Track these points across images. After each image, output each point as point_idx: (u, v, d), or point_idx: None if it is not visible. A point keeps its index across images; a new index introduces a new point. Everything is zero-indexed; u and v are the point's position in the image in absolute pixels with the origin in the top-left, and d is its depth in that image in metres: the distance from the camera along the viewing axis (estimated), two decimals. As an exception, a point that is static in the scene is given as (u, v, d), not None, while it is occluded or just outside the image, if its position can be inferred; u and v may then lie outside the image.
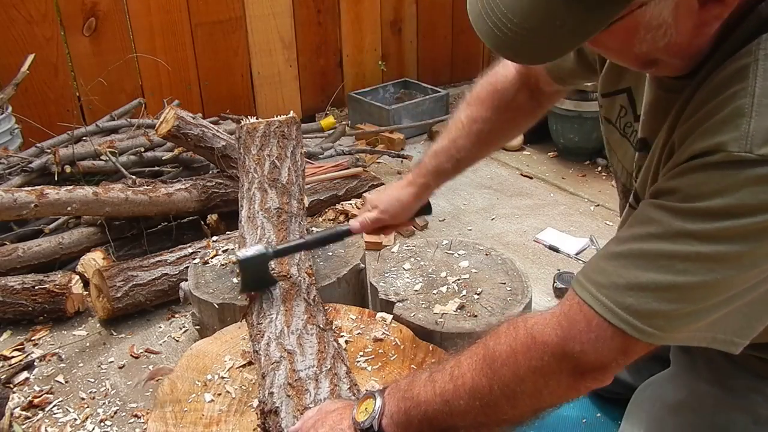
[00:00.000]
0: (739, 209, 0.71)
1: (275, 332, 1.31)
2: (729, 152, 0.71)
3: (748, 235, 0.72)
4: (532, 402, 0.87)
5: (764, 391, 1.10)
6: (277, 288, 1.43)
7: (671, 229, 0.75)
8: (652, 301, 0.76)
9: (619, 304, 0.77)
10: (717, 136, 0.73)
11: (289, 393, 1.18)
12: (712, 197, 0.73)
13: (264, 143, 1.78)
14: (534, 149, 3.32)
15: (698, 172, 0.75)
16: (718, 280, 0.74)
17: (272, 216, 1.63)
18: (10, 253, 2.15)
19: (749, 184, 0.70)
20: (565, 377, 0.83)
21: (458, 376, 0.90)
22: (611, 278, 0.79)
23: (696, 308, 0.76)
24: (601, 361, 0.81)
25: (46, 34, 2.90)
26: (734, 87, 0.73)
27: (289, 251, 1.45)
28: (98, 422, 1.68)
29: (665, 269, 0.75)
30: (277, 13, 3.45)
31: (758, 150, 0.70)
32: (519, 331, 0.87)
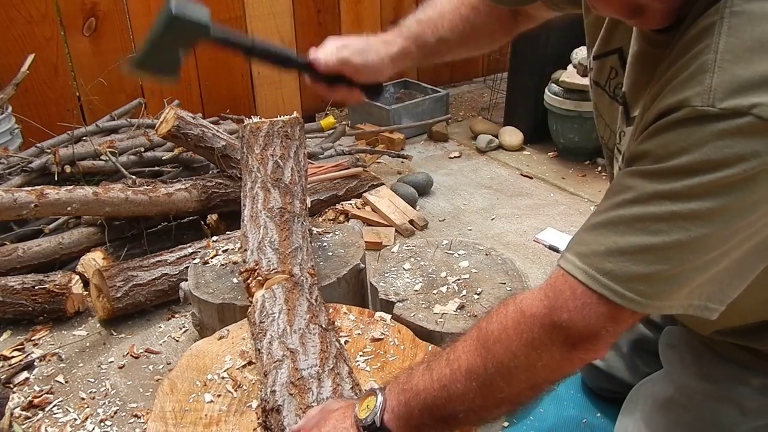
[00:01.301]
0: (705, 165, 0.72)
1: (277, 331, 1.31)
2: (693, 107, 0.72)
3: (716, 190, 0.73)
4: (527, 377, 0.87)
5: (750, 382, 1.11)
6: (279, 288, 1.42)
7: (644, 193, 0.77)
8: (630, 265, 0.77)
9: (600, 270, 0.79)
10: (681, 93, 0.74)
11: (292, 391, 1.18)
12: (679, 155, 0.74)
13: (267, 143, 1.79)
14: (534, 149, 3.32)
15: (665, 132, 0.76)
16: (693, 239, 0.75)
17: (275, 215, 1.63)
18: (10, 253, 2.15)
19: (713, 139, 0.71)
20: (557, 348, 0.83)
21: (454, 360, 0.91)
22: (591, 247, 0.80)
23: (674, 271, 0.77)
24: (589, 329, 0.81)
25: (46, 34, 2.90)
26: (700, 44, 0.74)
27: (228, 42, 1.13)
28: (98, 422, 1.68)
29: (640, 232, 0.77)
30: (277, 13, 3.45)
31: (720, 104, 0.70)
32: (509, 308, 0.88)
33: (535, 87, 3.20)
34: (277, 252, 1.53)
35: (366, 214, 2.61)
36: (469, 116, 3.81)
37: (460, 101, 4.04)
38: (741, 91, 0.70)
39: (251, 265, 1.51)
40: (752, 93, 0.69)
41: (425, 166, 3.17)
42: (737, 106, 0.70)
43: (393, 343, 1.43)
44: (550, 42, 3.06)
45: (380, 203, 2.65)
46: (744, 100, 0.70)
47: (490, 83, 4.00)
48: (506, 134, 3.35)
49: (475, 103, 4.01)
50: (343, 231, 1.97)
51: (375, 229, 2.54)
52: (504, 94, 3.52)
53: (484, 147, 3.31)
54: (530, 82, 3.24)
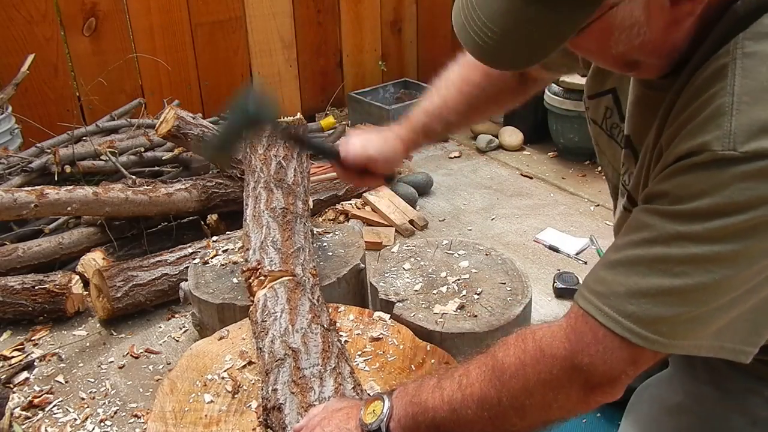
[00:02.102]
0: (727, 208, 0.72)
1: (279, 330, 1.31)
2: (713, 151, 0.72)
3: (739, 233, 0.72)
4: (541, 415, 0.87)
5: (762, 393, 1.10)
6: (282, 288, 1.42)
7: (665, 233, 0.76)
8: (653, 307, 0.76)
9: (622, 313, 0.78)
10: (700, 136, 0.74)
11: (294, 390, 1.18)
12: (700, 197, 0.73)
13: (271, 143, 1.80)
14: (534, 149, 3.32)
15: (686, 174, 0.75)
16: (717, 281, 0.74)
17: (277, 216, 1.63)
18: (10, 253, 2.15)
19: (735, 182, 0.71)
20: (575, 391, 0.83)
21: (467, 386, 0.90)
22: (612, 287, 0.79)
23: (698, 312, 0.76)
24: (610, 373, 0.80)
25: (46, 34, 2.90)
26: (715, 87, 0.74)
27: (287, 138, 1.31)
28: (98, 422, 1.68)
29: (662, 273, 0.76)
30: (277, 13, 3.45)
31: (741, 147, 0.70)
32: (528, 344, 0.87)
33: (535, 87, 3.19)
34: (279, 252, 1.53)
35: (366, 214, 2.61)
36: (469, 116, 3.81)
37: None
38: (761, 134, 0.70)
39: (253, 264, 1.51)
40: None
41: (425, 166, 3.17)
42: (758, 148, 0.70)
43: (392, 343, 1.43)
44: (550, 42, 3.06)
45: (380, 203, 2.65)
46: (765, 142, 0.70)
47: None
48: (506, 134, 3.35)
49: (475, 103, 4.01)
50: (343, 231, 1.97)
51: (375, 229, 2.54)
52: (504, 94, 3.52)
53: (484, 147, 3.31)
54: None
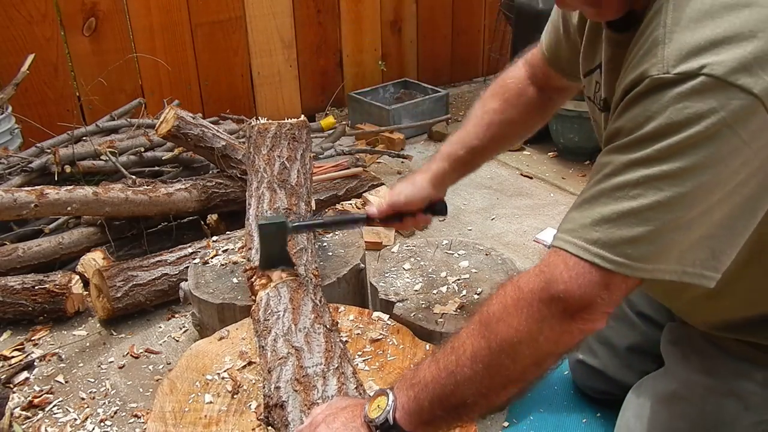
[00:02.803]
0: (669, 128, 0.78)
1: (282, 329, 1.30)
2: (651, 77, 0.79)
3: (683, 150, 0.78)
4: (531, 351, 0.89)
5: (754, 377, 1.12)
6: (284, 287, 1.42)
7: (620, 164, 0.83)
8: (615, 230, 0.82)
9: (588, 240, 0.84)
10: (640, 67, 0.82)
11: (297, 388, 1.17)
12: (646, 124, 0.80)
13: (275, 144, 1.80)
14: (534, 149, 3.32)
15: (632, 106, 0.82)
16: (669, 199, 0.79)
17: (280, 216, 1.63)
18: (10, 253, 2.15)
19: (673, 103, 0.77)
20: (556, 320, 0.86)
21: (459, 346, 0.92)
22: (578, 221, 0.86)
23: (656, 231, 0.80)
24: (585, 298, 0.84)
25: (46, 34, 2.90)
26: (652, 25, 0.83)
27: (308, 228, 1.43)
28: (98, 422, 1.68)
29: (621, 199, 0.82)
30: (277, 13, 3.45)
31: (673, 69, 0.78)
32: (507, 289, 0.91)
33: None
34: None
35: (366, 214, 2.61)
36: (469, 116, 3.81)
37: (460, 101, 4.04)
38: (690, 56, 0.77)
39: (256, 263, 1.51)
40: (700, 56, 0.76)
41: (425, 166, 3.16)
42: (689, 69, 0.77)
43: (392, 343, 1.43)
44: (550, 42, 3.06)
45: (380, 203, 2.65)
46: (694, 62, 0.76)
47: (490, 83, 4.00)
48: (506, 134, 3.34)
49: (475, 103, 4.01)
50: (343, 231, 1.97)
51: (375, 229, 2.54)
52: (504, 94, 3.52)
53: (484, 147, 3.30)
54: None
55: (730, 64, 0.75)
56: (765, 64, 0.75)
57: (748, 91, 0.75)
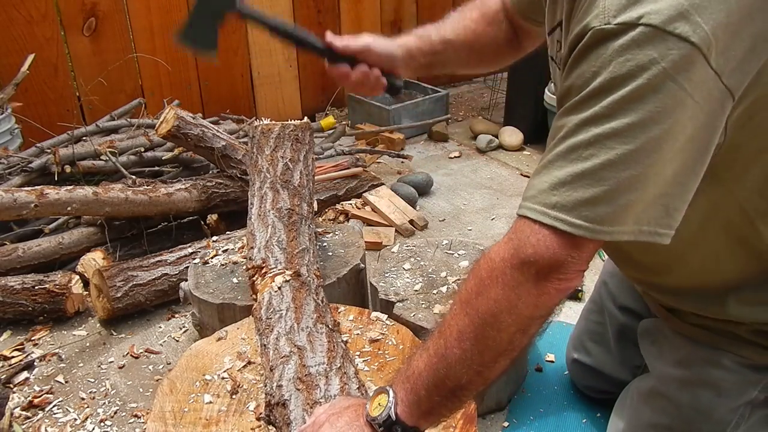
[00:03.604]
0: (613, 82, 0.77)
1: (285, 328, 1.30)
2: (593, 29, 0.78)
3: (628, 105, 0.77)
4: (514, 319, 0.89)
5: (722, 363, 1.14)
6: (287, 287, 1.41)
7: (572, 125, 0.82)
8: (572, 192, 0.81)
9: (547, 204, 0.83)
10: (583, 19, 0.80)
11: (299, 387, 1.17)
12: (592, 80, 0.79)
13: (278, 144, 1.80)
14: (534, 149, 3.32)
15: (579, 63, 0.81)
16: (620, 156, 0.78)
17: (283, 216, 1.63)
18: (10, 253, 2.15)
19: (615, 56, 0.76)
20: (531, 283, 0.86)
21: (445, 329, 0.93)
22: (537, 187, 0.86)
23: (612, 190, 0.80)
24: (555, 258, 0.84)
25: (46, 34, 2.90)
26: None
27: (255, 19, 1.26)
28: (98, 422, 1.68)
29: (575, 160, 0.81)
30: (277, 14, 3.45)
31: (614, 20, 0.76)
32: (480, 263, 0.92)
33: (535, 87, 3.20)
34: (284, 252, 1.53)
35: (366, 214, 2.61)
36: (469, 116, 3.82)
37: (460, 101, 4.04)
38: (629, 5, 0.76)
39: (258, 262, 1.50)
40: (639, 5, 0.75)
41: (425, 166, 3.17)
42: (628, 19, 0.75)
43: (392, 344, 1.43)
44: (550, 42, 3.06)
45: (380, 203, 2.65)
46: (633, 12, 0.75)
47: (490, 83, 4.00)
48: (506, 134, 3.35)
49: (475, 103, 4.01)
50: (343, 231, 1.97)
51: (375, 229, 2.54)
52: (504, 94, 3.52)
53: (484, 147, 3.31)
54: (530, 82, 3.24)
55: (667, 12, 0.74)
56: (702, 11, 0.74)
57: (685, 39, 0.74)
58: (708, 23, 0.74)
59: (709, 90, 0.77)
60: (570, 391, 1.70)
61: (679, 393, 1.20)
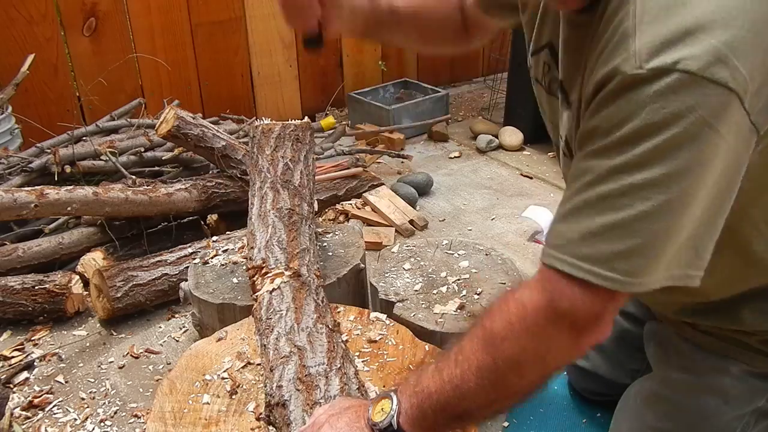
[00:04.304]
0: (647, 130, 0.74)
1: (285, 328, 1.30)
2: (623, 73, 0.75)
3: (664, 153, 0.74)
4: (538, 368, 0.89)
5: (730, 371, 1.13)
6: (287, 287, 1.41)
7: (602, 171, 0.78)
8: (605, 245, 0.79)
9: (579, 256, 0.81)
10: (611, 62, 0.77)
11: (299, 387, 1.17)
12: (623, 125, 0.75)
13: (278, 144, 1.80)
14: (534, 149, 3.32)
15: (606, 106, 0.78)
16: (656, 207, 0.76)
17: (283, 216, 1.63)
18: (10, 253, 2.15)
19: (649, 103, 0.73)
20: (564, 336, 0.85)
21: (463, 361, 0.92)
22: (566, 236, 0.83)
23: (647, 242, 0.78)
24: (591, 312, 0.83)
25: (46, 34, 2.90)
26: (620, 14, 0.78)
27: None
28: (98, 422, 1.68)
29: (607, 210, 0.78)
30: (277, 13, 3.42)
31: (646, 65, 0.73)
32: (510, 304, 0.89)
33: (535, 87, 3.19)
34: (284, 252, 1.53)
35: (366, 214, 2.61)
36: (469, 116, 3.81)
37: (460, 101, 4.04)
38: (663, 49, 0.72)
39: (258, 262, 1.50)
40: (673, 49, 0.72)
41: (425, 166, 3.17)
42: (662, 64, 0.72)
43: (391, 344, 1.43)
44: (550, 42, 3.06)
45: (380, 203, 2.65)
46: (667, 57, 0.72)
47: (490, 83, 4.00)
48: (506, 134, 3.35)
49: (475, 103, 4.01)
50: (343, 231, 1.97)
51: (375, 229, 2.54)
52: (504, 94, 3.52)
53: (484, 147, 3.31)
54: (530, 82, 3.22)
55: (704, 57, 0.71)
56: (739, 54, 0.72)
57: (724, 85, 0.71)
58: (746, 66, 0.72)
59: (740, 129, 0.75)
60: (570, 391, 1.69)
61: (684, 398, 1.18)
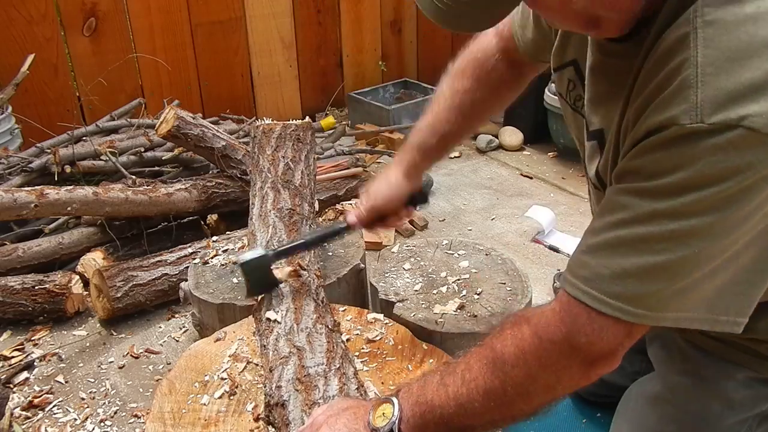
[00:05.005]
0: (700, 181, 0.72)
1: (284, 329, 1.30)
2: (682, 125, 0.72)
3: (714, 205, 0.73)
4: (546, 396, 0.90)
5: (735, 376, 1.12)
6: (287, 287, 1.41)
7: (642, 212, 0.77)
8: (638, 285, 0.78)
9: (609, 294, 0.80)
10: (668, 111, 0.74)
11: (298, 387, 1.17)
12: (673, 173, 0.74)
13: (279, 144, 1.81)
14: (534, 149, 3.32)
15: (657, 150, 0.75)
16: (696, 253, 0.75)
17: (284, 216, 1.63)
18: (10, 253, 2.15)
19: (706, 155, 0.71)
20: (576, 369, 0.86)
21: (470, 380, 0.91)
22: (596, 270, 0.81)
23: (681, 284, 0.78)
24: (608, 347, 0.83)
25: (46, 34, 2.90)
26: (678, 58, 0.74)
27: (290, 252, 1.41)
28: (98, 422, 1.68)
29: (643, 252, 0.77)
30: (277, 13, 3.45)
31: (708, 119, 0.70)
32: (524, 331, 0.88)
33: (535, 87, 3.19)
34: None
35: (366, 214, 2.61)
36: (469, 116, 3.81)
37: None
38: (728, 104, 0.70)
39: None
40: (739, 104, 0.69)
41: (425, 166, 3.16)
42: (726, 119, 0.69)
43: (390, 344, 1.42)
44: (550, 42, 3.06)
45: (380, 203, 2.64)
46: (732, 112, 0.69)
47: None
48: (506, 134, 3.35)
49: (475, 103, 4.01)
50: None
51: (375, 229, 2.54)
52: (504, 94, 3.52)
53: (484, 147, 3.31)
54: (530, 83, 3.23)
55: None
56: None
57: None
58: None
59: None
60: (570, 391, 1.69)
61: (688, 402, 1.18)
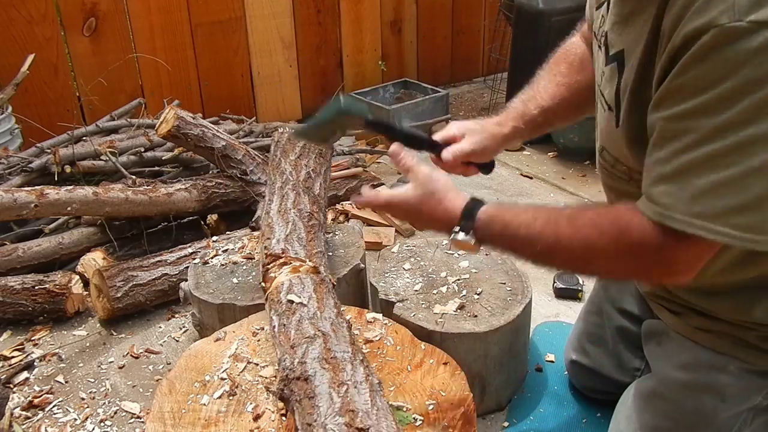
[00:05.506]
0: (749, 86, 0.73)
1: (308, 313, 1.26)
2: (721, 26, 0.73)
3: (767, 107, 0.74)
4: (605, 270, 0.99)
5: (727, 368, 1.13)
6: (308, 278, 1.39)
7: (704, 132, 0.79)
8: (717, 201, 0.80)
9: (692, 214, 0.82)
10: (706, 14, 0.74)
11: (325, 366, 1.12)
12: (721, 83, 0.75)
13: (303, 153, 1.88)
14: (534, 149, 3.32)
15: (700, 62, 0.76)
16: (764, 161, 0.77)
17: (303, 216, 1.62)
18: (10, 253, 2.15)
19: (750, 58, 0.72)
20: (655, 272, 0.93)
21: (563, 236, 0.96)
22: (677, 196, 0.84)
23: (757, 195, 0.79)
24: (690, 263, 0.89)
25: (46, 34, 2.90)
26: None
27: (381, 127, 1.27)
28: (98, 422, 1.68)
29: (715, 168, 0.79)
30: (277, 13, 3.45)
31: (747, 17, 0.71)
32: (611, 216, 0.94)
33: (536, 87, 3.19)
34: (304, 248, 1.51)
35: (366, 214, 2.61)
36: (469, 116, 3.81)
37: (460, 101, 4.04)
38: (763, 2, 0.71)
39: (278, 251, 1.47)
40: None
41: (425, 166, 3.16)
42: (763, 17, 0.70)
43: (390, 344, 1.42)
44: (550, 42, 3.05)
45: (380, 203, 2.64)
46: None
47: (490, 83, 4.00)
48: (506, 134, 3.34)
49: (475, 103, 4.01)
50: (343, 231, 1.97)
51: (375, 229, 2.54)
52: (504, 94, 3.52)
53: (484, 147, 3.30)
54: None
55: None
56: None
57: None
58: None
59: None
60: (570, 391, 1.69)
61: (682, 397, 1.19)
